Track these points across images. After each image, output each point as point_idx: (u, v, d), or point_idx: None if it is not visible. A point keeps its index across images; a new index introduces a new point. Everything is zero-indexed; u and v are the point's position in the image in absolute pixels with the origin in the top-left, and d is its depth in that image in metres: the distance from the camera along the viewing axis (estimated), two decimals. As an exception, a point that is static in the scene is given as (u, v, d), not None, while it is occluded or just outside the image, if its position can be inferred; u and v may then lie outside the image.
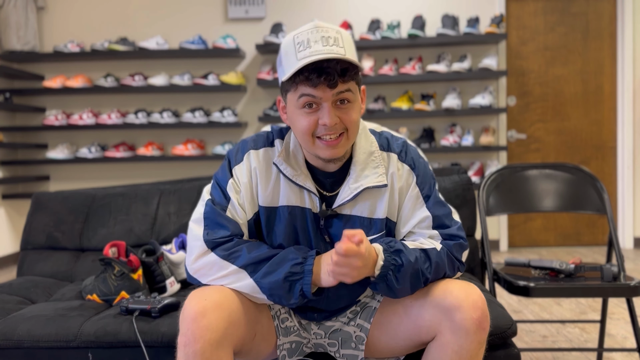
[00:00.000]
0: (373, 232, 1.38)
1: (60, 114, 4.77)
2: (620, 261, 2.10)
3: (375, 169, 1.37)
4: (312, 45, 1.24)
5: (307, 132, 1.29)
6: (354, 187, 1.35)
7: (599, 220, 4.97)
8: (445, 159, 4.88)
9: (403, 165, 1.40)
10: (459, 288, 1.30)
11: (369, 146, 1.40)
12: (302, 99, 1.28)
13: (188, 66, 4.92)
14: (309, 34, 1.26)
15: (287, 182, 1.37)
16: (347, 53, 1.25)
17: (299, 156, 1.38)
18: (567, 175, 2.38)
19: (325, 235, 1.39)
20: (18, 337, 1.69)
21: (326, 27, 1.27)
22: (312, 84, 1.24)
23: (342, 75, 1.25)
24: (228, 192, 1.38)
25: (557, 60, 4.94)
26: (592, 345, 2.58)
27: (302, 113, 1.29)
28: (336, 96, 1.27)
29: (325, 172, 1.39)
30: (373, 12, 4.87)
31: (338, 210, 1.37)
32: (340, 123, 1.28)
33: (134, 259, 1.93)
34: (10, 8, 4.68)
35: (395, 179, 1.39)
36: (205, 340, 1.21)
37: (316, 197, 1.37)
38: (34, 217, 2.37)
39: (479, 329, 1.26)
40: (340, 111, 1.28)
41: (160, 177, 4.87)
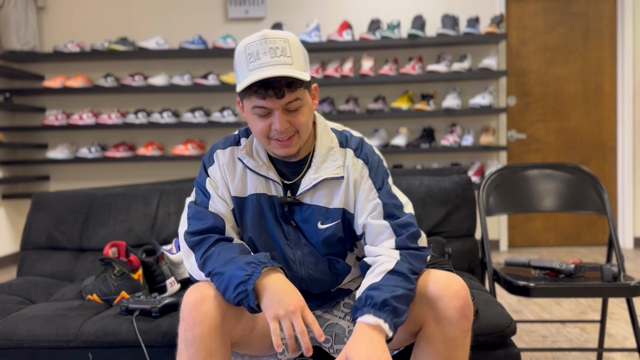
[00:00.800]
0: (330, 221, 1.47)
1: (60, 114, 4.77)
2: (620, 261, 2.10)
3: (333, 162, 1.47)
4: (261, 57, 1.33)
5: (262, 134, 1.40)
6: (314, 177, 1.45)
7: (599, 220, 4.97)
8: (445, 159, 4.88)
9: (358, 160, 1.49)
10: (441, 278, 1.36)
11: (329, 142, 1.50)
12: (255, 110, 1.38)
13: (188, 66, 4.92)
14: (258, 45, 1.34)
15: (252, 174, 1.48)
16: (295, 62, 1.34)
17: (262, 150, 1.49)
18: (567, 175, 2.38)
19: (291, 221, 1.48)
20: (18, 337, 1.69)
21: (274, 37, 1.34)
22: (261, 96, 1.34)
23: (288, 87, 1.34)
24: (207, 189, 1.49)
25: (557, 60, 4.94)
26: (592, 345, 2.58)
27: (256, 118, 1.39)
28: (286, 105, 1.36)
29: (286, 163, 1.48)
30: (373, 12, 4.87)
31: (300, 198, 1.47)
32: (290, 127, 1.38)
33: (134, 259, 1.94)
34: (10, 8, 4.68)
35: (350, 172, 1.48)
36: (204, 326, 1.29)
37: (279, 186, 1.47)
38: (34, 217, 2.37)
39: (462, 317, 1.32)
40: (290, 116, 1.38)
41: (160, 177, 4.87)
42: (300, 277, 1.50)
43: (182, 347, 1.31)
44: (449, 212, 2.22)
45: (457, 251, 2.17)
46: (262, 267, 1.31)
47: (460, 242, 2.21)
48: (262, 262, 1.33)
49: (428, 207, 2.22)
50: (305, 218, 1.47)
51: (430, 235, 2.19)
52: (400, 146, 4.62)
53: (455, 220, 2.22)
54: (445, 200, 2.23)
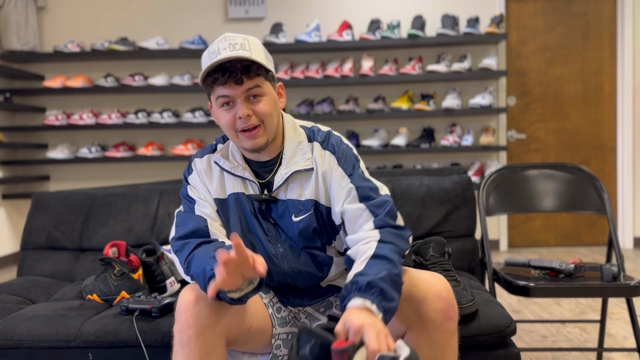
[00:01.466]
0: (302, 213, 1.49)
1: (60, 114, 4.77)
2: (620, 261, 2.10)
3: (302, 155, 1.51)
4: (221, 52, 1.39)
5: (229, 126, 1.45)
6: (284, 172, 1.49)
7: (598, 220, 4.97)
8: (445, 159, 4.88)
9: (325, 151, 1.53)
10: (424, 281, 1.37)
11: (297, 137, 1.54)
12: (219, 100, 1.44)
13: (188, 66, 4.92)
14: (218, 43, 1.42)
15: (229, 175, 1.53)
16: (253, 54, 1.41)
17: (237, 152, 1.54)
18: (567, 175, 2.38)
19: (269, 218, 1.52)
20: (18, 337, 1.69)
21: (233, 36, 1.43)
22: (221, 82, 1.40)
23: (245, 72, 1.40)
24: (190, 196, 1.55)
25: (557, 60, 4.94)
26: (592, 345, 2.58)
27: (222, 111, 1.45)
28: (246, 92, 1.42)
29: (260, 162, 1.53)
30: (373, 12, 4.87)
31: (275, 195, 1.51)
32: (254, 116, 1.43)
33: (134, 258, 1.94)
34: (10, 8, 4.68)
35: (318, 164, 1.51)
36: (198, 326, 1.31)
37: (255, 185, 1.51)
38: (34, 217, 2.37)
39: (445, 318, 1.33)
40: (252, 105, 1.43)
41: (160, 177, 4.87)
42: (284, 271, 1.54)
43: (178, 348, 1.33)
44: (448, 212, 2.22)
45: (457, 251, 2.17)
46: None
47: (460, 242, 2.21)
48: None
49: (428, 207, 2.22)
50: (281, 214, 1.50)
51: (430, 235, 2.19)
52: (400, 146, 4.62)
53: (455, 220, 2.22)
54: (445, 200, 2.23)
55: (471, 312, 1.61)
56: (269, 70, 1.46)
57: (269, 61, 1.47)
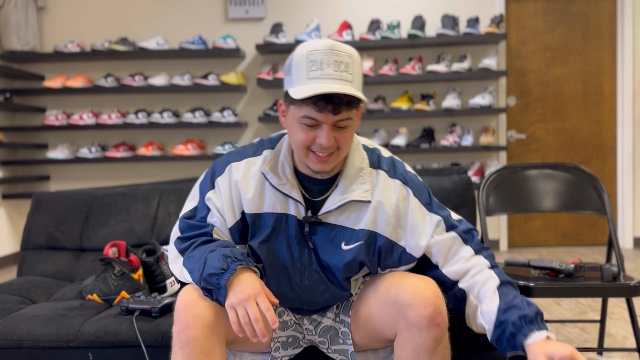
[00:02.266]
0: (353, 242, 1.41)
1: (60, 114, 4.77)
2: (620, 261, 2.10)
3: (362, 184, 1.41)
4: (324, 68, 1.28)
5: (303, 145, 1.34)
6: (340, 198, 1.40)
7: (598, 220, 4.97)
8: (445, 159, 4.88)
9: (394, 180, 1.45)
10: (411, 285, 1.35)
11: (359, 162, 1.44)
12: (304, 119, 1.32)
13: (188, 66, 4.92)
14: (323, 54, 1.29)
15: (272, 190, 1.41)
16: (355, 80, 1.31)
17: (287, 165, 1.42)
18: (567, 175, 2.38)
19: (309, 242, 1.43)
20: (18, 337, 1.69)
21: (340, 51, 1.31)
22: (318, 109, 1.29)
23: (347, 105, 1.30)
24: (207, 202, 1.45)
25: (557, 60, 4.94)
26: (592, 345, 2.58)
27: (301, 128, 1.33)
28: (337, 122, 1.32)
29: (314, 179, 1.43)
30: (373, 12, 4.87)
31: (323, 218, 1.41)
32: (334, 143, 1.33)
33: (134, 258, 1.94)
34: (10, 8, 4.68)
35: (383, 194, 1.42)
36: (197, 327, 1.29)
37: (302, 206, 1.41)
38: (34, 217, 2.37)
39: (430, 325, 1.30)
40: (337, 132, 1.33)
41: (160, 177, 4.87)
42: (302, 301, 1.49)
43: (177, 349, 1.32)
44: (448, 212, 2.22)
45: (457, 251, 2.17)
46: (237, 265, 1.30)
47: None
48: (238, 259, 1.31)
49: (428, 207, 2.22)
50: (329, 238, 1.42)
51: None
52: (400, 146, 4.62)
53: (455, 220, 2.22)
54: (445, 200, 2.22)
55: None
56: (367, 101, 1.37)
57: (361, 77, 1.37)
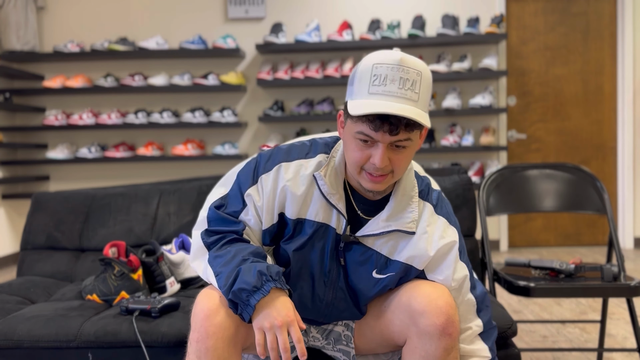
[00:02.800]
0: (386, 272, 1.37)
1: (60, 114, 4.77)
2: (620, 261, 2.09)
3: (409, 213, 1.35)
4: (387, 84, 1.20)
5: (357, 163, 1.27)
6: (384, 224, 1.34)
7: (599, 220, 4.97)
8: (445, 159, 4.88)
9: (439, 217, 1.39)
10: (425, 293, 1.32)
11: (410, 190, 1.38)
12: (359, 135, 1.24)
13: (188, 66, 4.92)
14: (389, 69, 1.21)
15: (320, 198, 1.35)
16: (420, 100, 1.23)
17: (340, 175, 1.36)
18: (567, 175, 2.38)
19: (341, 257, 1.38)
20: (18, 337, 1.69)
21: (409, 67, 1.22)
22: (374, 127, 1.21)
23: (406, 127, 1.22)
24: (246, 198, 1.37)
25: (557, 60, 4.94)
26: (592, 345, 2.58)
27: (356, 143, 1.26)
28: (394, 142, 1.24)
29: (363, 199, 1.37)
30: (373, 12, 4.86)
31: (361, 239, 1.36)
32: (389, 165, 1.25)
33: (134, 259, 1.93)
34: (10, 8, 4.68)
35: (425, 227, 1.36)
36: (217, 338, 1.26)
37: (344, 220, 1.35)
38: (34, 217, 2.37)
39: (443, 334, 1.28)
40: (393, 153, 1.25)
41: (160, 177, 4.86)
42: (319, 314, 1.45)
43: (194, 357, 1.28)
44: (449, 212, 2.21)
45: (457, 251, 2.17)
46: (271, 286, 1.24)
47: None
48: (273, 278, 1.25)
49: (428, 207, 2.22)
50: (361, 261, 1.37)
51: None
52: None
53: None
54: (446, 200, 2.22)
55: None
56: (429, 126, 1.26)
57: (429, 101, 1.28)
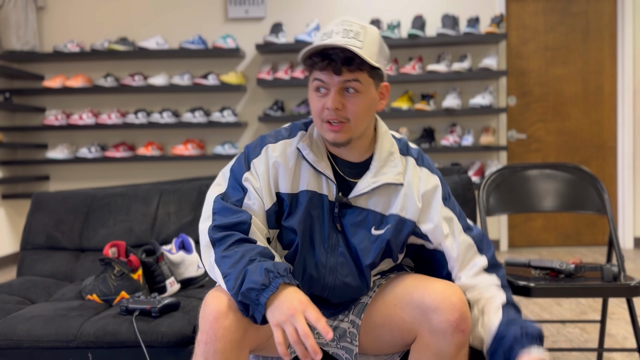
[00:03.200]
0: (383, 226, 1.42)
1: (60, 114, 4.77)
2: (620, 261, 2.09)
3: (393, 167, 1.43)
4: (333, 36, 1.31)
5: (317, 113, 1.37)
6: (372, 181, 1.41)
7: (599, 220, 4.97)
8: (445, 159, 4.88)
9: (422, 168, 1.47)
10: (437, 290, 1.33)
11: (389, 147, 1.45)
12: (314, 83, 1.36)
13: (188, 66, 4.92)
14: (334, 25, 1.34)
15: (307, 168, 1.42)
16: (365, 48, 1.30)
17: (321, 144, 1.44)
18: (568, 175, 2.38)
19: (337, 223, 1.42)
20: (18, 337, 1.69)
21: (352, 22, 1.34)
22: (319, 67, 1.32)
23: (346, 64, 1.30)
24: (244, 183, 1.41)
25: (557, 60, 4.94)
26: (592, 345, 2.58)
27: (314, 96, 1.37)
28: (342, 84, 1.32)
29: (347, 162, 1.44)
30: (373, 12, 4.86)
31: (353, 202, 1.41)
32: (343, 110, 1.33)
33: (133, 259, 1.93)
34: (10, 8, 4.68)
35: (411, 180, 1.44)
36: (226, 340, 1.26)
37: (334, 185, 1.41)
38: (34, 217, 2.37)
39: (456, 331, 1.29)
40: (344, 99, 1.34)
41: (160, 177, 4.86)
42: (325, 284, 1.45)
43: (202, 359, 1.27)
44: (449, 212, 2.21)
45: (457, 251, 2.17)
46: (280, 282, 1.24)
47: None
48: (281, 274, 1.25)
49: (428, 207, 2.22)
50: (358, 222, 1.42)
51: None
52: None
53: (455, 220, 2.21)
54: (446, 200, 2.22)
55: (471, 312, 1.61)
56: (376, 68, 1.34)
57: (381, 57, 1.36)
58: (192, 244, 2.15)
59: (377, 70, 1.36)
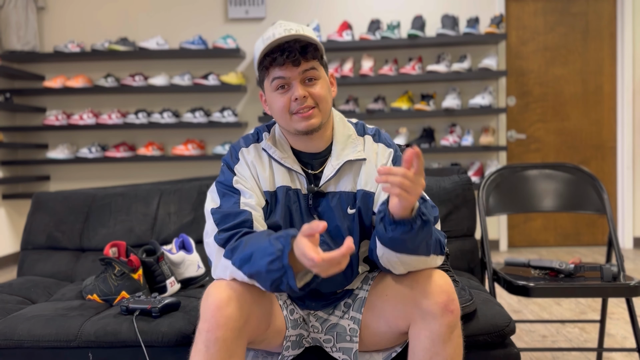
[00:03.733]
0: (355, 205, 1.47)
1: (60, 114, 4.78)
2: (619, 261, 2.10)
3: (354, 147, 1.51)
4: (276, 35, 1.40)
5: (284, 110, 1.43)
6: (336, 163, 1.48)
7: (598, 220, 4.97)
8: (445, 159, 4.88)
9: (378, 144, 1.53)
10: (424, 275, 1.39)
11: (347, 131, 1.54)
12: (274, 82, 1.43)
13: (188, 66, 4.92)
14: (273, 29, 1.42)
15: (278, 166, 1.49)
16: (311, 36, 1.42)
17: (285, 142, 1.51)
18: (567, 175, 2.38)
19: (314, 214, 1.48)
20: (18, 337, 1.69)
21: (288, 23, 1.43)
22: (278, 63, 1.39)
23: (302, 53, 1.40)
24: (236, 187, 1.46)
25: (557, 60, 4.94)
26: (592, 345, 2.58)
27: (276, 95, 1.44)
28: (302, 74, 1.42)
29: (310, 154, 1.50)
30: (373, 12, 4.87)
31: (324, 188, 1.48)
32: (310, 97, 1.42)
33: (134, 258, 1.94)
34: (10, 8, 4.68)
35: (371, 157, 1.50)
36: (228, 328, 1.30)
37: (303, 178, 1.48)
38: (34, 217, 2.37)
39: (445, 311, 1.34)
40: (308, 87, 1.43)
41: (160, 177, 4.87)
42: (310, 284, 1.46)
43: (202, 347, 1.30)
44: (448, 212, 2.22)
45: (457, 251, 2.17)
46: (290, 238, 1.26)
47: (460, 242, 2.21)
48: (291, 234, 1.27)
49: (428, 207, 2.22)
50: (332, 207, 1.47)
51: (430, 235, 2.19)
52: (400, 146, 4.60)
53: (455, 220, 2.22)
54: (445, 200, 2.23)
55: (469, 311, 1.61)
56: (323, 57, 1.47)
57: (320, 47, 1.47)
58: (192, 244, 2.16)
59: (324, 60, 1.48)
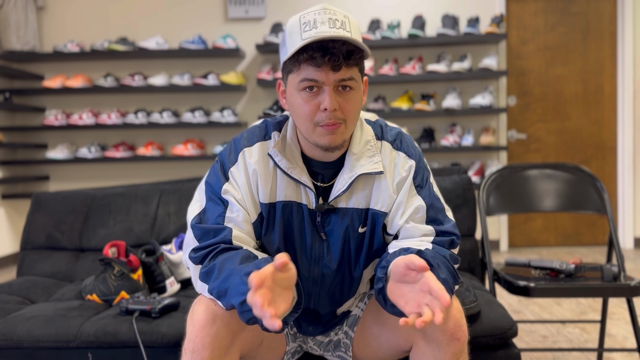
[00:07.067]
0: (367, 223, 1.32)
1: (60, 113, 4.77)
2: (620, 261, 2.09)
3: (370, 157, 1.30)
4: (319, 26, 1.18)
5: (308, 118, 1.22)
6: (349, 176, 1.28)
7: (599, 220, 4.97)
8: (445, 159, 4.88)
9: (398, 153, 1.34)
10: None
11: (365, 135, 1.34)
12: (303, 82, 1.21)
13: (188, 66, 4.92)
14: (316, 14, 1.21)
15: (282, 176, 1.30)
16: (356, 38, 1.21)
17: (295, 148, 1.31)
18: (567, 175, 2.38)
19: (321, 232, 1.32)
20: (18, 337, 1.69)
21: (334, 10, 1.23)
22: (316, 63, 1.18)
23: (347, 58, 1.19)
24: (224, 196, 1.29)
25: (557, 60, 4.94)
26: (592, 346, 2.58)
27: (302, 96, 1.22)
28: (338, 82, 1.20)
29: (322, 163, 1.31)
30: (373, 12, 4.86)
31: (334, 204, 1.30)
32: (339, 111, 1.21)
33: (133, 259, 1.93)
34: (10, 8, 4.68)
35: (388, 167, 1.31)
36: (214, 348, 1.21)
37: (312, 192, 1.29)
38: (34, 217, 2.37)
39: (451, 339, 1.22)
40: (341, 98, 1.22)
41: (160, 177, 4.86)
42: (309, 293, 1.38)
43: None
44: (449, 212, 2.21)
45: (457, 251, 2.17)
46: None
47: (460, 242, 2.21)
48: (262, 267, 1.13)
49: (428, 207, 2.22)
50: (343, 226, 1.30)
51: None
52: None
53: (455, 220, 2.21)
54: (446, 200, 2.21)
55: (474, 313, 1.61)
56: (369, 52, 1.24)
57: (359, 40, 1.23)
58: (192, 244, 2.15)
59: (363, 65, 1.27)
